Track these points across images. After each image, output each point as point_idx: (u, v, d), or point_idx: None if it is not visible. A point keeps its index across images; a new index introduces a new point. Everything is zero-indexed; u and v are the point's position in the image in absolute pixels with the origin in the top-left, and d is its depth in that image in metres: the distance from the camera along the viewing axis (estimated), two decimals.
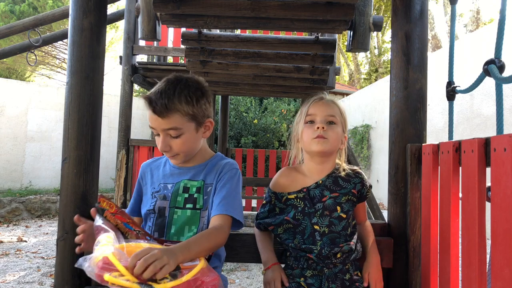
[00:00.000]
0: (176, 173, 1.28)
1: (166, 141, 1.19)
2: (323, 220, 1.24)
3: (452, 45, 1.56)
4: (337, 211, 1.25)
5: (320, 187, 1.28)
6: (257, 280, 3.23)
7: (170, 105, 1.15)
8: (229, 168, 1.26)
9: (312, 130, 1.27)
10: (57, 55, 11.46)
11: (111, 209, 1.11)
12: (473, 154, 1.00)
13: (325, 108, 1.29)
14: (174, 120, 1.16)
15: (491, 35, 5.09)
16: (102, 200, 1.12)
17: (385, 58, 16.09)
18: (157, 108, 1.14)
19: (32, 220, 5.89)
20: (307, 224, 1.25)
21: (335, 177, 1.30)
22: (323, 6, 2.01)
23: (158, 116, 1.15)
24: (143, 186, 1.34)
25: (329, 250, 1.21)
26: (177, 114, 1.16)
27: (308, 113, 1.30)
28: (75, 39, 1.44)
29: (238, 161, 5.63)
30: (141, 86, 4.24)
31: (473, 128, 5.36)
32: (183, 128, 1.18)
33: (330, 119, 1.28)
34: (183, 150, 1.21)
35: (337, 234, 1.24)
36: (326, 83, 3.37)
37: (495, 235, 0.89)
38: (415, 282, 1.34)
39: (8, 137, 7.43)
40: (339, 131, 1.29)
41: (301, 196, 1.28)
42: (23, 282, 3.05)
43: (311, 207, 1.26)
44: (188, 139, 1.20)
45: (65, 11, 4.06)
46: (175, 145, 1.19)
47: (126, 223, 1.10)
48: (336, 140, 1.27)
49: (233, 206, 1.18)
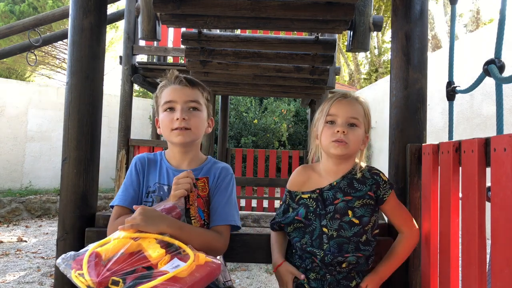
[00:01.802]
0: (172, 174, 1.27)
1: (185, 112, 1.24)
2: (332, 223, 1.20)
3: (452, 45, 1.56)
4: (348, 215, 1.20)
5: (334, 189, 1.23)
6: (257, 280, 3.23)
7: (198, 82, 1.32)
8: (225, 174, 1.30)
9: (332, 132, 1.20)
10: (57, 55, 11.46)
11: (197, 189, 1.23)
12: (473, 154, 1.00)
13: (347, 109, 1.21)
14: (198, 94, 1.29)
15: (491, 35, 5.09)
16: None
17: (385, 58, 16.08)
18: (185, 80, 1.27)
19: (32, 220, 5.89)
20: (317, 226, 1.22)
21: (351, 179, 1.24)
22: (323, 6, 2.01)
23: (185, 86, 1.27)
24: (140, 176, 1.31)
25: (332, 258, 1.17)
26: (200, 93, 1.30)
27: (329, 113, 1.22)
28: (75, 39, 1.44)
29: (238, 161, 5.63)
30: (141, 86, 4.24)
31: (473, 128, 5.36)
32: (202, 106, 1.30)
33: (352, 121, 1.21)
34: (196, 126, 1.26)
35: (346, 239, 1.19)
36: (326, 83, 3.37)
37: (495, 235, 0.89)
38: (415, 282, 1.34)
39: (8, 137, 7.43)
40: (361, 133, 1.22)
41: (314, 197, 1.24)
42: (23, 282, 3.05)
43: (323, 209, 1.22)
44: (202, 119, 1.29)
45: (65, 11, 4.06)
46: (193, 118, 1.25)
47: (200, 209, 1.22)
48: (356, 143, 1.21)
49: (232, 214, 1.24)
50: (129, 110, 4.04)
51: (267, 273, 3.42)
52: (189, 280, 0.94)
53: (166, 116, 1.26)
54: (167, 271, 0.93)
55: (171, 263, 0.97)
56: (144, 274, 0.92)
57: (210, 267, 1.01)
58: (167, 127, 1.25)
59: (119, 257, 0.94)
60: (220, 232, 1.20)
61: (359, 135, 1.22)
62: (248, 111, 9.46)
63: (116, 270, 0.92)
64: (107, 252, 0.96)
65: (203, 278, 0.97)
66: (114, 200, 1.27)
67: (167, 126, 1.25)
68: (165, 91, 1.28)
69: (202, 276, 0.97)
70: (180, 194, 1.15)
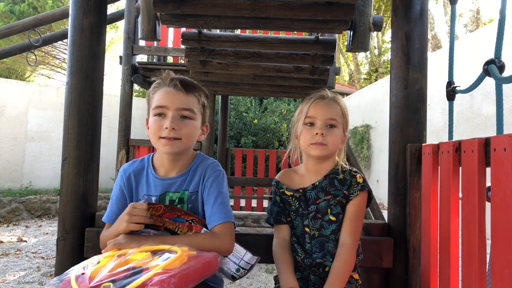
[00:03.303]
0: (159, 184, 1.22)
1: (176, 121, 1.15)
2: (314, 223, 1.23)
3: (452, 45, 1.56)
4: (328, 213, 1.22)
5: (316, 189, 1.25)
6: (257, 280, 3.23)
7: (194, 86, 1.20)
8: (212, 171, 1.22)
9: (311, 134, 1.22)
10: (57, 55, 11.46)
11: (157, 212, 1.14)
12: (473, 154, 1.00)
13: (326, 111, 1.23)
14: (192, 102, 1.19)
15: (491, 35, 5.09)
16: (148, 208, 1.12)
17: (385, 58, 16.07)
18: (181, 84, 1.16)
19: (32, 220, 5.88)
20: (299, 225, 1.25)
21: (332, 178, 1.26)
22: (323, 6, 2.01)
23: (179, 91, 1.16)
24: (126, 192, 1.25)
25: (311, 262, 1.19)
26: (196, 99, 1.20)
27: (308, 115, 1.24)
28: (75, 39, 1.44)
29: (238, 161, 5.62)
30: (141, 86, 4.23)
31: (473, 128, 5.36)
32: (196, 114, 1.20)
33: (330, 123, 1.23)
34: (187, 136, 1.17)
35: (326, 238, 1.21)
36: (326, 83, 3.37)
37: (495, 235, 0.89)
38: (415, 282, 1.34)
39: (8, 137, 7.43)
40: (339, 133, 1.25)
41: (297, 196, 1.27)
42: (23, 282, 3.05)
43: (305, 209, 1.25)
44: (195, 128, 1.20)
45: (65, 11, 4.06)
46: (184, 127, 1.16)
47: (176, 218, 1.14)
48: (335, 144, 1.23)
49: (224, 211, 1.17)
50: (129, 110, 4.04)
51: (267, 273, 3.42)
52: (184, 268, 0.91)
53: (155, 121, 1.17)
54: (158, 264, 0.91)
55: (161, 258, 0.94)
56: (135, 271, 0.89)
57: (205, 258, 0.99)
58: (155, 134, 1.17)
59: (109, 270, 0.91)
60: (216, 232, 1.14)
61: (338, 135, 1.24)
62: (248, 111, 9.46)
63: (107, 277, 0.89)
64: (94, 271, 0.93)
65: (197, 269, 0.94)
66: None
67: (155, 132, 1.17)
68: (157, 93, 1.19)
69: (197, 266, 0.94)
70: (134, 228, 1.08)
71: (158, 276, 0.86)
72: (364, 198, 1.23)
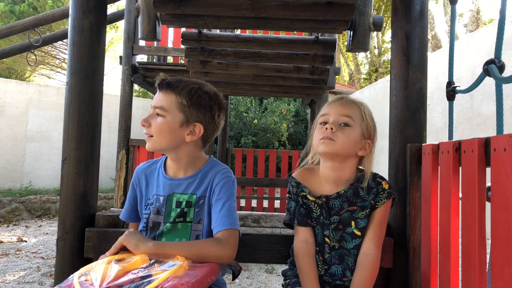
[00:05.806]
0: (168, 185, 1.23)
1: (150, 117, 1.18)
2: (335, 234, 1.17)
3: (452, 45, 1.56)
4: (351, 226, 1.16)
5: (341, 198, 1.18)
6: (257, 280, 3.22)
7: (173, 85, 1.17)
8: (221, 177, 1.20)
9: (322, 131, 1.16)
10: (57, 55, 11.46)
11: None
12: (473, 154, 1.00)
13: (339, 108, 1.17)
14: (166, 100, 1.17)
15: (491, 35, 5.09)
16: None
17: (385, 58, 16.08)
18: (164, 83, 1.17)
19: (32, 220, 5.88)
20: (319, 233, 1.19)
21: (357, 187, 1.18)
22: (323, 6, 2.01)
23: (160, 90, 1.18)
24: (137, 191, 1.29)
25: (330, 281, 1.16)
26: (172, 97, 1.17)
27: (322, 113, 1.20)
28: (75, 39, 1.44)
29: (238, 161, 5.63)
30: (141, 86, 4.24)
31: (473, 128, 5.36)
32: (169, 112, 1.16)
33: (344, 120, 1.16)
34: (157, 133, 1.16)
35: (347, 251, 1.16)
36: (326, 83, 3.37)
37: (495, 235, 0.89)
38: (415, 282, 1.34)
39: (8, 137, 7.42)
40: (354, 135, 1.16)
41: (319, 203, 1.19)
42: (23, 282, 3.05)
43: (327, 218, 1.18)
44: (167, 126, 1.16)
45: (65, 11, 4.06)
46: (154, 124, 1.17)
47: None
48: (346, 144, 1.14)
49: (229, 218, 1.15)
50: (129, 110, 4.04)
51: (267, 273, 3.42)
52: (193, 274, 0.93)
53: None
54: (165, 269, 0.92)
55: (166, 264, 0.95)
56: (144, 275, 0.90)
57: (207, 265, 1.00)
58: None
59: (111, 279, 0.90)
60: (219, 238, 1.12)
61: (351, 136, 1.15)
62: (248, 111, 9.46)
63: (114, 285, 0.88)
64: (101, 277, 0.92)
65: (203, 276, 0.96)
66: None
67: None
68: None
69: (203, 273, 0.96)
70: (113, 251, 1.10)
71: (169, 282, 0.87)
72: (389, 205, 1.20)
